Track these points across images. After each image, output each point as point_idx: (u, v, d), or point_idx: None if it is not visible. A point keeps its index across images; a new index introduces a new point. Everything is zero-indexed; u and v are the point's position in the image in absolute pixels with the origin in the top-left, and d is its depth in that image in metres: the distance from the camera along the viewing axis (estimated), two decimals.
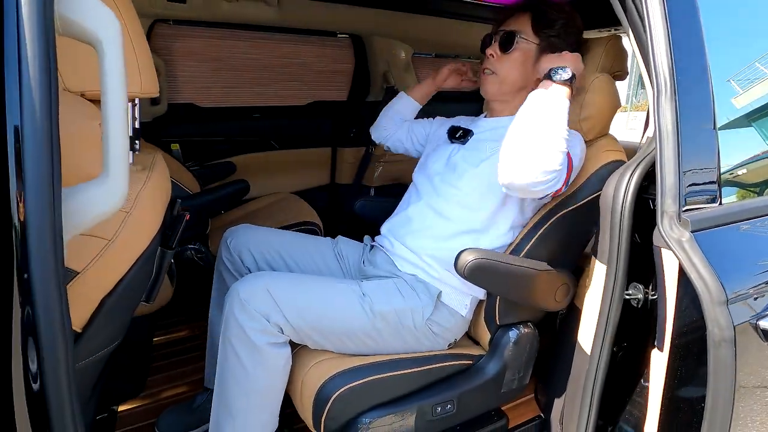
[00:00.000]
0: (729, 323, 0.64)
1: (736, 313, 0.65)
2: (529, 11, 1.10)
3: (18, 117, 0.43)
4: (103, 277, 0.64)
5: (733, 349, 0.65)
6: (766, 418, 0.93)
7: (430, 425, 1.00)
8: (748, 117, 1.01)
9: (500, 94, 1.14)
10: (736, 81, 1.01)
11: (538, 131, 0.89)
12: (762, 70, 1.05)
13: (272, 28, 2.00)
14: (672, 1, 0.71)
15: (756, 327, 0.70)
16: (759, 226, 0.79)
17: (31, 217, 0.43)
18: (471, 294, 1.06)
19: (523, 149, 0.88)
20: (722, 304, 0.64)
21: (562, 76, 0.94)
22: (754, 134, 1.04)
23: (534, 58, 1.09)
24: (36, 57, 0.43)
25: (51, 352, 0.44)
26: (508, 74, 1.10)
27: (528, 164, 0.87)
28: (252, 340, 0.86)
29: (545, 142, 0.87)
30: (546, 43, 1.08)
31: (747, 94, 1.01)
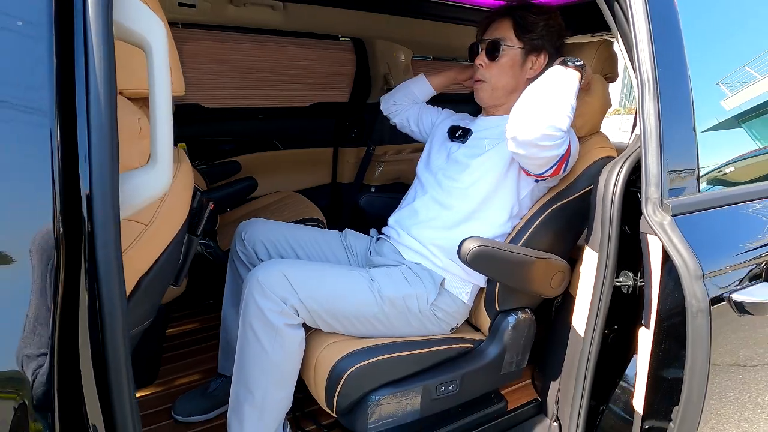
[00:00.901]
0: (705, 296, 0.72)
1: (711, 287, 0.73)
2: (510, 17, 1.15)
3: (85, 111, 0.49)
4: (140, 259, 0.70)
5: (708, 319, 0.72)
6: (740, 394, 1.00)
7: (434, 404, 1.07)
8: (737, 118, 1.08)
9: (493, 100, 1.21)
10: (725, 84, 1.09)
11: (549, 92, 0.94)
12: (752, 74, 1.13)
13: (277, 32, 2.07)
14: (654, 10, 0.79)
15: (729, 300, 0.77)
16: (735, 213, 0.87)
17: (96, 193, 0.49)
18: (472, 282, 1.13)
19: (534, 105, 0.93)
20: (699, 279, 0.72)
21: (575, 62, 1.00)
22: (743, 135, 1.11)
23: (521, 61, 1.15)
24: (101, 59, 0.49)
25: (111, 311, 0.50)
26: (499, 80, 1.17)
27: (537, 117, 0.90)
28: (270, 321, 0.93)
29: (554, 102, 0.92)
30: (530, 45, 1.14)
31: (736, 97, 1.08)
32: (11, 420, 0.47)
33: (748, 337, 0.97)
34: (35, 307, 0.47)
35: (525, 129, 0.91)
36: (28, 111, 0.46)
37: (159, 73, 0.57)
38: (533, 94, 0.96)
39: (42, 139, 0.47)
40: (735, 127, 1.08)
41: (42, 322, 0.48)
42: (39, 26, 0.47)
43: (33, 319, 0.47)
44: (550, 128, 0.90)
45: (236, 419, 0.98)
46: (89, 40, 0.49)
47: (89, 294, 0.50)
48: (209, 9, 1.73)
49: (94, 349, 0.50)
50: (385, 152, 2.46)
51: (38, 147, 0.47)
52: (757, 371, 1.02)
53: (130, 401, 0.55)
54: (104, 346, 0.51)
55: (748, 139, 1.12)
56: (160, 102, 0.57)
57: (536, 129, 0.90)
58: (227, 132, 2.20)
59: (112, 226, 0.50)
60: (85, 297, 0.50)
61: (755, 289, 0.79)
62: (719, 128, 1.04)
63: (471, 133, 1.24)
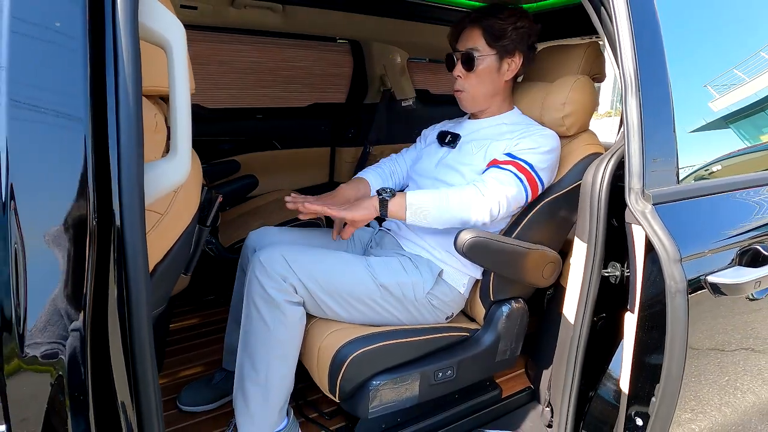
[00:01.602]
0: (682, 277, 0.77)
1: (689, 270, 0.79)
2: (479, 26, 1.18)
3: (114, 110, 0.53)
4: (156, 246, 0.74)
5: (686, 299, 0.78)
6: (719, 377, 1.06)
7: (432, 389, 1.12)
8: (725, 119, 1.14)
9: (476, 106, 1.25)
10: (713, 86, 1.15)
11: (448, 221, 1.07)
12: (739, 76, 1.19)
13: (276, 34, 2.11)
14: (636, 15, 0.85)
15: (705, 282, 0.83)
16: (712, 203, 0.93)
17: (124, 181, 0.53)
18: (469, 274, 1.18)
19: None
20: (677, 262, 0.77)
21: (387, 195, 1.07)
22: (731, 135, 1.17)
23: (497, 66, 1.19)
24: (129, 60, 0.53)
25: (136, 288, 0.55)
26: (478, 89, 1.21)
27: None
28: (272, 297, 0.98)
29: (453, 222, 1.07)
30: (503, 50, 1.18)
31: (724, 99, 1.14)
32: (48, 395, 0.51)
33: (725, 323, 1.02)
34: (71, 288, 0.51)
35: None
36: (65, 117, 0.50)
37: (179, 70, 0.61)
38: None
39: (77, 140, 0.51)
40: (723, 127, 1.14)
41: (76, 302, 0.52)
42: (74, 39, 0.51)
43: (67, 298, 0.51)
44: (481, 223, 1.08)
45: (242, 399, 1.02)
46: (119, 42, 0.53)
47: (117, 271, 0.54)
48: (210, 11, 1.77)
49: (122, 327, 0.55)
50: (382, 152, 2.51)
51: (74, 145, 0.51)
52: (734, 355, 1.08)
53: (153, 378, 0.60)
54: (130, 324, 0.55)
55: (736, 139, 1.18)
56: (180, 98, 0.62)
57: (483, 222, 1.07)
58: (227, 132, 2.23)
59: (137, 212, 0.55)
60: (114, 275, 0.54)
61: (729, 272, 0.85)
62: (707, 129, 1.10)
63: (460, 137, 1.28)
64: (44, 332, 0.51)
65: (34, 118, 0.49)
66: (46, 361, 0.51)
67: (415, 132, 1.76)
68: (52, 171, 0.50)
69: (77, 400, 0.54)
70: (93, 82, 0.52)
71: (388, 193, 1.07)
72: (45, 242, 0.50)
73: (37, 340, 0.50)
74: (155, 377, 0.61)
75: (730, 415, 1.15)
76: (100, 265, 0.54)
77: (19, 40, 0.48)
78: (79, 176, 0.51)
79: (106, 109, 0.53)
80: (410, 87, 2.47)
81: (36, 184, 0.49)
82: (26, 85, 0.48)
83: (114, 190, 0.53)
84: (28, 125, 0.48)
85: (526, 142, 1.12)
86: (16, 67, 0.48)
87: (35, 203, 0.49)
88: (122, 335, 0.55)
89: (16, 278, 0.48)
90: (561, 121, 1.21)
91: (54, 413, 0.53)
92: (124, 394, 0.58)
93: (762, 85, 1.22)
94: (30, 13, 0.49)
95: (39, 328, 0.50)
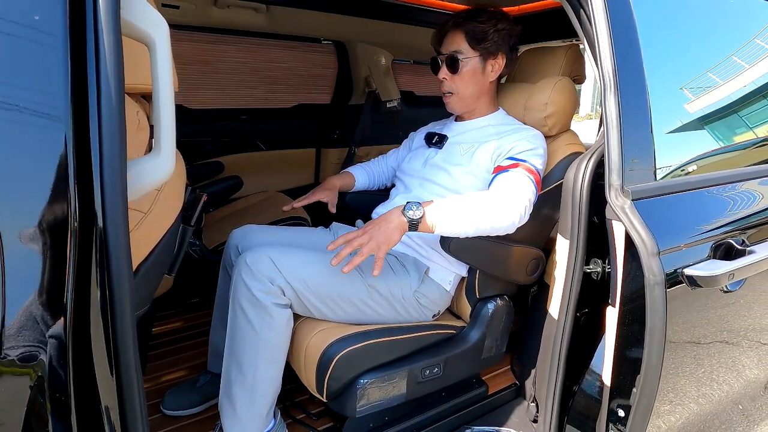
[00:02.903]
0: (660, 270, 0.80)
1: (666, 263, 0.81)
2: (461, 29, 1.20)
3: (96, 102, 0.53)
4: (140, 245, 0.73)
5: (664, 290, 0.80)
6: (695, 369, 1.10)
7: (419, 387, 1.12)
8: (701, 120, 1.18)
9: (464, 107, 1.28)
10: (689, 89, 1.19)
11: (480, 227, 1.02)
12: (714, 79, 1.24)
13: (260, 34, 2.10)
14: (614, 18, 0.88)
15: (682, 274, 0.86)
16: (688, 198, 0.97)
17: (107, 179, 0.53)
18: (454, 271, 1.19)
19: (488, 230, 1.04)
20: (655, 255, 0.80)
21: (415, 214, 0.98)
22: (707, 135, 1.21)
23: (481, 67, 1.22)
24: (111, 57, 0.53)
25: (119, 288, 0.54)
26: (465, 90, 1.23)
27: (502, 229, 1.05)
28: (259, 300, 0.97)
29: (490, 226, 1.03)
30: (486, 52, 1.21)
31: (700, 101, 1.19)
32: (28, 398, 0.50)
33: (701, 316, 1.06)
34: (51, 288, 0.50)
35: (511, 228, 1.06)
36: (46, 117, 0.50)
37: (162, 67, 0.61)
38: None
39: (58, 138, 0.50)
40: (698, 128, 1.18)
41: (57, 302, 0.51)
42: (55, 37, 0.50)
43: (48, 298, 0.50)
44: (518, 221, 1.06)
45: (228, 402, 1.01)
46: (100, 38, 0.52)
47: (99, 271, 0.53)
48: (193, 10, 1.75)
49: (105, 328, 0.54)
50: (368, 153, 2.52)
51: (55, 143, 0.50)
52: (710, 348, 1.12)
53: (137, 381, 0.59)
54: (114, 325, 0.54)
55: (711, 140, 1.22)
56: (164, 94, 0.61)
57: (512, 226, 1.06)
58: (210, 132, 2.21)
59: (120, 210, 0.54)
60: (96, 275, 0.53)
61: (704, 265, 0.88)
62: (683, 130, 1.14)
63: (447, 138, 1.30)
64: (23, 334, 0.50)
65: (13, 118, 0.48)
66: (26, 364, 0.50)
67: (400, 133, 1.78)
68: (32, 170, 0.49)
69: (59, 403, 0.53)
70: (74, 80, 0.51)
71: (416, 213, 0.98)
72: (25, 242, 0.49)
73: (16, 342, 0.49)
74: (140, 380, 0.60)
75: (705, 406, 1.19)
76: (82, 264, 0.53)
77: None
78: (60, 175, 0.50)
79: (87, 106, 0.52)
80: (395, 88, 2.49)
81: (15, 183, 0.48)
82: (6, 84, 0.48)
83: (96, 188, 0.52)
84: (7, 125, 0.47)
85: (523, 144, 1.14)
86: None
87: (14, 203, 0.48)
88: (105, 336, 0.54)
89: None
90: (543, 121, 1.23)
91: (34, 417, 0.52)
92: (108, 397, 0.57)
93: (734, 88, 1.27)
94: (9, 10, 0.48)
95: (18, 330, 0.49)
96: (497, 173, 1.13)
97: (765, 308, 1.25)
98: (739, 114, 1.30)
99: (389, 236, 0.96)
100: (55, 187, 0.50)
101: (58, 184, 0.50)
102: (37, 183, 0.50)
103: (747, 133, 1.34)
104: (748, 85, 1.31)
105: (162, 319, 1.74)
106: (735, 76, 1.28)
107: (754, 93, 1.33)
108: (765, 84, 1.35)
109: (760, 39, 1.41)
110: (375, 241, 0.96)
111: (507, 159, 1.13)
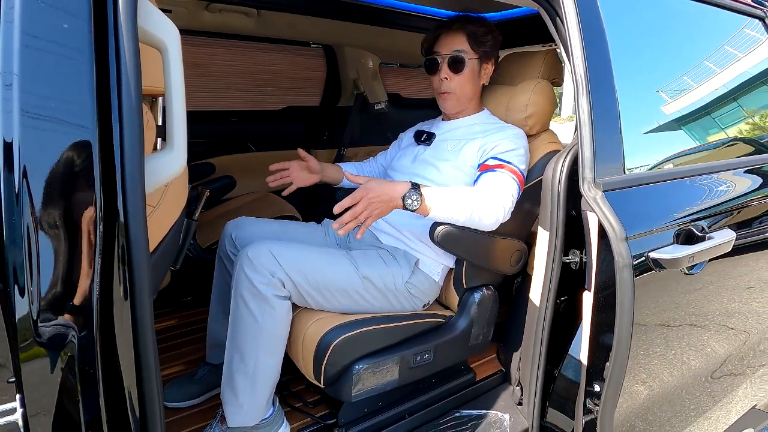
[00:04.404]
0: (628, 253, 0.88)
1: (634, 248, 0.90)
2: (463, 31, 1.28)
3: (117, 107, 0.57)
4: (149, 237, 0.78)
5: (632, 272, 0.89)
6: (665, 350, 1.19)
7: (411, 372, 1.18)
8: (677, 121, 1.28)
9: (458, 107, 1.35)
10: (665, 92, 1.28)
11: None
12: (688, 82, 1.33)
13: (251, 38, 2.14)
14: (585, 26, 0.96)
15: (648, 258, 0.95)
16: (655, 190, 1.06)
17: (128, 172, 0.58)
18: (442, 263, 1.26)
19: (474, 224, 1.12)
20: (623, 240, 0.88)
21: (413, 204, 1.05)
22: (682, 135, 1.31)
23: (478, 70, 1.30)
24: (131, 63, 0.58)
25: (139, 274, 0.59)
26: (464, 90, 1.30)
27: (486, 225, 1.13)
28: (260, 291, 1.02)
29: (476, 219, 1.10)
30: (484, 55, 1.30)
31: (675, 103, 1.28)
32: (60, 378, 0.55)
33: (670, 301, 1.15)
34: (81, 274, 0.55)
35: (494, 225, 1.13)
36: (74, 126, 0.54)
37: (174, 70, 0.66)
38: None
39: (86, 144, 0.55)
40: (674, 129, 1.27)
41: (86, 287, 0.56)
42: (81, 52, 0.54)
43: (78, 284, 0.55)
44: (501, 218, 1.12)
45: (230, 390, 1.06)
46: (121, 46, 0.57)
47: (121, 258, 0.58)
48: (185, 14, 1.78)
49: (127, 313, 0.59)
50: (356, 154, 2.58)
51: (83, 148, 0.55)
52: (679, 331, 1.21)
53: (155, 363, 0.64)
54: (134, 309, 0.59)
55: (685, 138, 1.32)
56: (176, 95, 0.67)
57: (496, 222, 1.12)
58: (201, 134, 2.24)
59: (139, 203, 0.59)
60: (118, 262, 0.58)
61: (668, 249, 0.97)
62: (660, 130, 1.23)
63: (435, 136, 1.37)
64: (55, 318, 0.54)
65: (44, 126, 0.53)
66: (58, 346, 0.55)
67: (388, 134, 1.84)
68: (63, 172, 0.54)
69: (88, 383, 0.57)
70: (98, 88, 0.56)
71: (414, 203, 1.05)
72: (55, 236, 0.53)
73: (48, 325, 0.54)
74: (156, 362, 0.65)
75: (671, 382, 1.27)
76: (106, 254, 0.57)
77: (29, 54, 0.51)
78: (87, 174, 0.55)
79: (110, 110, 0.57)
80: (382, 91, 2.55)
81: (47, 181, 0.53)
82: (36, 95, 0.52)
83: (118, 189, 0.57)
84: (39, 133, 0.52)
85: (506, 144, 1.21)
86: (26, 78, 0.51)
87: (47, 199, 0.53)
88: (127, 320, 0.59)
89: (29, 266, 0.51)
90: (524, 121, 1.31)
91: (66, 397, 0.56)
92: (130, 379, 0.62)
93: (707, 91, 1.38)
94: (39, 27, 0.52)
95: (49, 314, 0.54)
96: (483, 172, 1.20)
97: (731, 293, 1.35)
98: (712, 115, 1.40)
99: (383, 212, 1.05)
100: (82, 188, 0.55)
101: (85, 184, 0.55)
102: (67, 184, 0.54)
103: (719, 133, 1.45)
104: (720, 88, 1.42)
105: (157, 316, 1.76)
106: (708, 80, 1.38)
107: (725, 96, 1.43)
108: (735, 87, 1.46)
109: (729, 45, 1.52)
110: (371, 215, 1.03)
111: (493, 159, 1.20)
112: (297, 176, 1.37)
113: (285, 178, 1.36)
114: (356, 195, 1.02)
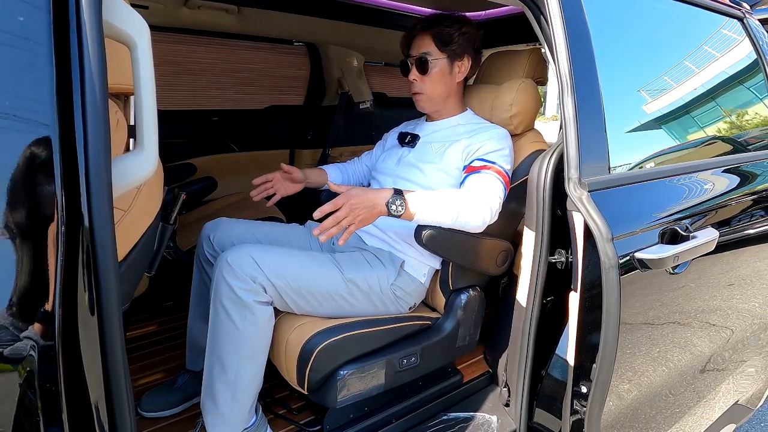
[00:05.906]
0: (614, 254, 0.88)
1: (620, 248, 0.89)
2: (428, 33, 1.27)
3: (80, 104, 0.54)
4: (120, 242, 0.73)
5: (618, 272, 0.88)
6: (650, 348, 1.19)
7: (397, 376, 1.16)
8: (657, 120, 1.28)
9: (433, 107, 1.34)
10: (646, 91, 1.29)
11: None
12: (668, 82, 1.34)
13: (231, 35, 2.10)
14: (570, 25, 0.96)
15: (633, 258, 0.94)
16: (640, 190, 1.06)
17: (93, 179, 0.54)
18: (428, 264, 1.25)
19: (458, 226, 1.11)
20: (609, 241, 0.87)
21: (398, 210, 1.05)
22: (663, 134, 1.31)
23: (449, 68, 1.29)
24: (96, 58, 0.54)
25: (106, 283, 0.56)
26: (434, 90, 1.30)
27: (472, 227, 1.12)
28: (240, 298, 0.98)
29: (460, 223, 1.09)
30: (452, 54, 1.28)
31: (656, 102, 1.28)
32: (18, 395, 0.51)
33: (655, 299, 1.15)
34: (41, 283, 0.51)
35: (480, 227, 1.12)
36: (32, 122, 0.51)
37: (144, 67, 0.63)
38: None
39: (45, 142, 0.51)
40: (655, 128, 1.28)
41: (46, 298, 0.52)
42: (40, 45, 0.51)
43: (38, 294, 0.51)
44: (488, 221, 1.12)
45: (210, 400, 1.02)
46: (84, 41, 0.54)
47: (86, 266, 0.54)
48: (162, 11, 1.73)
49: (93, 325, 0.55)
50: (341, 153, 2.55)
51: (42, 147, 0.51)
52: (664, 329, 1.22)
53: (125, 375, 0.60)
54: (101, 320, 0.56)
55: (666, 137, 1.32)
56: (146, 94, 0.63)
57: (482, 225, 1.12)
58: (181, 134, 2.18)
59: (106, 208, 0.55)
60: (83, 269, 0.54)
61: (653, 249, 0.96)
62: (641, 129, 1.23)
63: (419, 138, 1.36)
64: (13, 330, 0.50)
65: (1, 124, 0.49)
66: (16, 360, 0.51)
67: (373, 133, 1.81)
68: (20, 171, 0.50)
69: (50, 399, 0.54)
70: (59, 83, 0.52)
71: (399, 208, 1.04)
72: (13, 242, 0.50)
73: (6, 338, 0.50)
74: (127, 375, 0.61)
75: (656, 381, 1.28)
76: (69, 261, 0.54)
77: None
78: (47, 174, 0.51)
79: (72, 107, 0.53)
80: (367, 90, 2.53)
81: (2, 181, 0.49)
82: None
83: (82, 189, 0.54)
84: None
85: (491, 144, 1.20)
86: None
87: (3, 205, 0.49)
88: (93, 333, 0.56)
89: None
90: (509, 120, 1.30)
91: (25, 414, 0.52)
92: (97, 393, 0.58)
93: (686, 90, 1.39)
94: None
95: (7, 326, 0.50)
96: (469, 173, 1.19)
97: (713, 291, 1.37)
98: (691, 114, 1.42)
99: (366, 220, 1.03)
100: (41, 189, 0.51)
101: (45, 185, 0.51)
102: (24, 184, 0.50)
103: (698, 131, 1.46)
104: (698, 87, 1.43)
105: (136, 322, 1.71)
106: (687, 79, 1.39)
107: (703, 95, 1.45)
108: (713, 87, 1.48)
109: (707, 45, 1.54)
110: (354, 222, 1.01)
111: (478, 160, 1.19)
112: (280, 187, 1.38)
113: (269, 189, 1.36)
114: (338, 201, 1.00)
